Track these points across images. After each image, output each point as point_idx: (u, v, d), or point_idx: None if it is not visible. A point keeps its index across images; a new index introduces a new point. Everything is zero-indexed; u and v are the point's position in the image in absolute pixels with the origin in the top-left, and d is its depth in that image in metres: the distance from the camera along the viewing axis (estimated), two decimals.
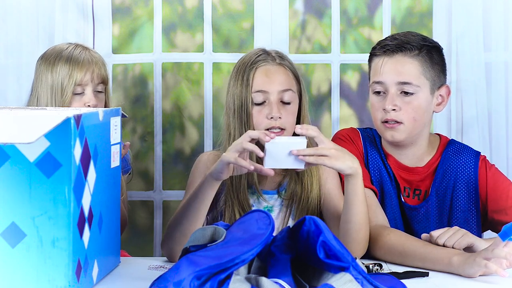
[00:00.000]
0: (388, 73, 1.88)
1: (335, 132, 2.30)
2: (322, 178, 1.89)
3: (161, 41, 2.39)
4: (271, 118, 1.83)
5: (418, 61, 1.88)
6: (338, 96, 2.42)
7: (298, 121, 1.90)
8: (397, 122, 1.87)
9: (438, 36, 2.38)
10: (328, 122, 2.42)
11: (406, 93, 1.87)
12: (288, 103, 1.86)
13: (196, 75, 2.41)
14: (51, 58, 1.99)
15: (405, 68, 1.87)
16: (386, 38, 1.95)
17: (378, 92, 1.90)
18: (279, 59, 1.90)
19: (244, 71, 1.88)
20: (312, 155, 1.64)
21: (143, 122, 2.41)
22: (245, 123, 1.85)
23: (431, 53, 1.90)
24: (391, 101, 1.87)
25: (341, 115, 2.40)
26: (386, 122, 1.88)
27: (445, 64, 1.95)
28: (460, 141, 2.06)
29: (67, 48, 2.00)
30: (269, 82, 1.86)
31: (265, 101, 1.85)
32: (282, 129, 1.84)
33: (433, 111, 1.94)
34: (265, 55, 1.90)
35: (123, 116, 1.67)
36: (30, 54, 2.36)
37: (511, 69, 2.40)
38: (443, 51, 1.95)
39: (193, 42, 2.41)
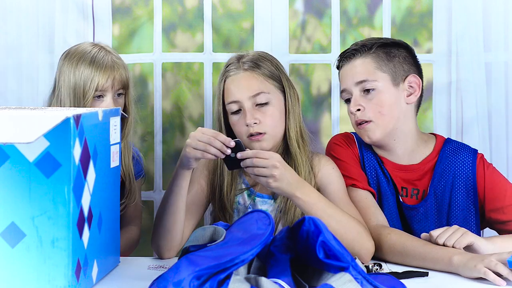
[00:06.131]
0: (346, 78, 1.94)
1: (335, 133, 2.30)
2: (322, 182, 1.88)
3: (161, 41, 2.39)
4: (247, 125, 1.85)
5: (370, 58, 1.91)
6: (338, 96, 2.41)
7: (287, 116, 1.90)
8: (366, 121, 1.90)
9: (438, 36, 2.38)
10: (328, 122, 2.42)
11: (367, 91, 1.90)
12: (265, 104, 1.86)
13: (196, 75, 2.41)
14: (75, 59, 1.96)
15: (358, 69, 1.92)
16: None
17: (348, 100, 1.95)
18: (249, 64, 1.89)
19: (218, 83, 1.92)
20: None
21: (143, 122, 2.41)
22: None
23: (387, 48, 1.92)
24: (354, 102, 1.91)
25: (341, 115, 2.40)
26: (359, 124, 1.91)
27: (413, 57, 1.96)
28: (461, 141, 2.05)
29: (90, 50, 1.97)
30: (238, 91, 1.87)
31: (240, 109, 1.87)
32: (261, 133, 1.85)
33: (406, 103, 1.93)
34: (235, 64, 1.90)
35: (122, 116, 1.67)
36: (30, 54, 2.36)
37: (511, 69, 2.40)
38: (413, 49, 1.97)
39: (193, 42, 2.40)
